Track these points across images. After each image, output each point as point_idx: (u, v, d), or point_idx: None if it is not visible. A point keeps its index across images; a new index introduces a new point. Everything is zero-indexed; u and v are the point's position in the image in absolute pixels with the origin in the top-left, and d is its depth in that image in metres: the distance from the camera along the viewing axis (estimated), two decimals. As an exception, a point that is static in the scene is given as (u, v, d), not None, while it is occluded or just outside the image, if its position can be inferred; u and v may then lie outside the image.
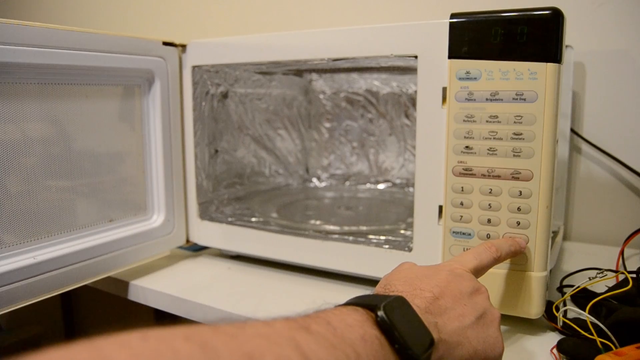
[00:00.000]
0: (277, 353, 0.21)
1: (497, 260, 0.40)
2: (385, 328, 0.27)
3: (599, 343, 0.38)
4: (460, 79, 0.43)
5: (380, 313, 0.28)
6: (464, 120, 0.43)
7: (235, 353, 0.20)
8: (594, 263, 0.55)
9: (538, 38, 0.40)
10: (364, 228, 0.59)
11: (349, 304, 0.29)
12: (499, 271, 0.43)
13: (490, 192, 0.43)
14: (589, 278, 0.49)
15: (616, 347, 0.37)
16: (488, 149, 0.43)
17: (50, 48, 0.48)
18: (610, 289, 0.45)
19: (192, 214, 0.65)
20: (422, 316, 0.30)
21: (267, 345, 0.21)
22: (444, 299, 0.33)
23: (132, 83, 0.59)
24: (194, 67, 0.63)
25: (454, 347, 0.32)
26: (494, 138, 0.42)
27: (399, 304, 0.29)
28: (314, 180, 0.92)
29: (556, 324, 0.43)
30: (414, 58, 0.47)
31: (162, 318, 1.08)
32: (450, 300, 0.33)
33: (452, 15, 0.44)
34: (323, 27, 0.53)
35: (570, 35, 0.50)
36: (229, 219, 0.65)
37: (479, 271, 0.38)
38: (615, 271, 0.52)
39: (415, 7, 0.81)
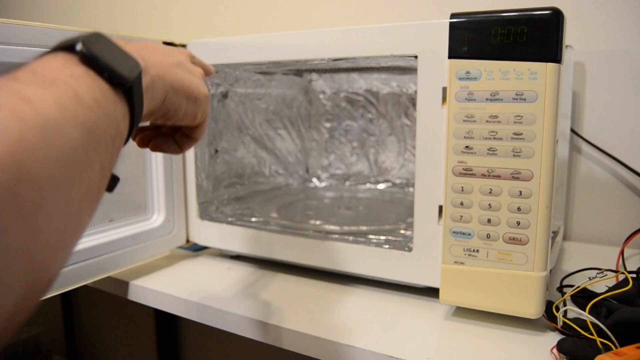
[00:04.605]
0: None
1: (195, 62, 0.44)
2: (90, 61, 0.26)
3: (599, 343, 0.38)
4: (460, 79, 0.43)
5: (80, 47, 0.27)
6: (464, 120, 0.43)
7: None
8: (594, 263, 0.55)
9: (538, 38, 0.40)
10: (364, 228, 0.59)
11: (46, 52, 0.28)
12: (499, 271, 0.43)
13: (490, 192, 0.43)
14: (589, 278, 0.49)
15: (616, 347, 0.37)
16: (488, 149, 0.43)
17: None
18: (610, 289, 0.45)
19: (192, 214, 0.65)
20: (125, 48, 0.31)
21: None
22: (147, 48, 0.36)
23: (132, 83, 0.59)
24: (194, 67, 0.63)
25: (163, 73, 0.34)
26: (494, 138, 0.42)
27: (97, 37, 0.28)
28: (314, 180, 0.92)
29: (556, 324, 0.43)
30: (414, 58, 0.47)
31: (162, 318, 1.08)
32: (150, 49, 0.36)
33: (452, 15, 0.44)
34: (323, 27, 0.53)
35: (570, 35, 0.50)
36: (229, 219, 0.65)
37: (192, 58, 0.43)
38: (615, 271, 0.52)
39: (415, 7, 0.81)
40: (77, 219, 0.23)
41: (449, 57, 0.44)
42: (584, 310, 0.41)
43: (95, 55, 0.27)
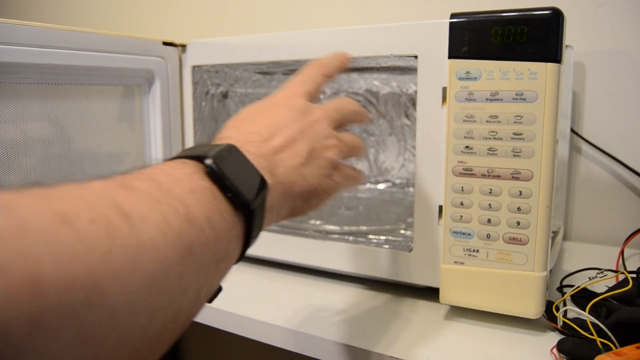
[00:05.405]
0: (93, 213, 0.19)
1: (327, 77, 0.40)
2: (216, 178, 0.26)
3: (599, 343, 0.38)
4: (460, 79, 0.43)
5: (209, 162, 0.26)
6: (464, 120, 0.43)
7: (45, 213, 0.17)
8: (594, 263, 0.55)
9: (538, 38, 0.40)
10: (364, 228, 0.59)
11: (177, 157, 0.27)
12: (499, 271, 0.43)
13: (490, 192, 0.43)
14: (589, 278, 0.49)
15: (616, 347, 0.37)
16: (488, 149, 0.43)
17: (50, 48, 0.48)
18: (610, 289, 0.45)
19: (192, 214, 0.65)
20: (255, 161, 0.30)
21: (82, 205, 0.19)
22: (275, 139, 0.33)
23: (132, 83, 0.59)
24: (194, 67, 0.63)
25: (290, 186, 0.33)
26: (494, 138, 0.42)
27: (229, 152, 0.28)
28: (314, 180, 0.92)
29: (556, 324, 0.43)
30: (414, 58, 0.47)
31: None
32: (281, 139, 0.33)
33: (452, 15, 0.44)
34: (323, 27, 0.53)
35: (570, 35, 0.50)
36: (229, 219, 0.64)
37: (312, 94, 0.39)
38: (615, 271, 0.52)
39: (415, 7, 0.81)
40: (152, 347, 0.21)
41: (449, 57, 0.44)
42: (584, 310, 0.41)
43: (223, 173, 0.26)
